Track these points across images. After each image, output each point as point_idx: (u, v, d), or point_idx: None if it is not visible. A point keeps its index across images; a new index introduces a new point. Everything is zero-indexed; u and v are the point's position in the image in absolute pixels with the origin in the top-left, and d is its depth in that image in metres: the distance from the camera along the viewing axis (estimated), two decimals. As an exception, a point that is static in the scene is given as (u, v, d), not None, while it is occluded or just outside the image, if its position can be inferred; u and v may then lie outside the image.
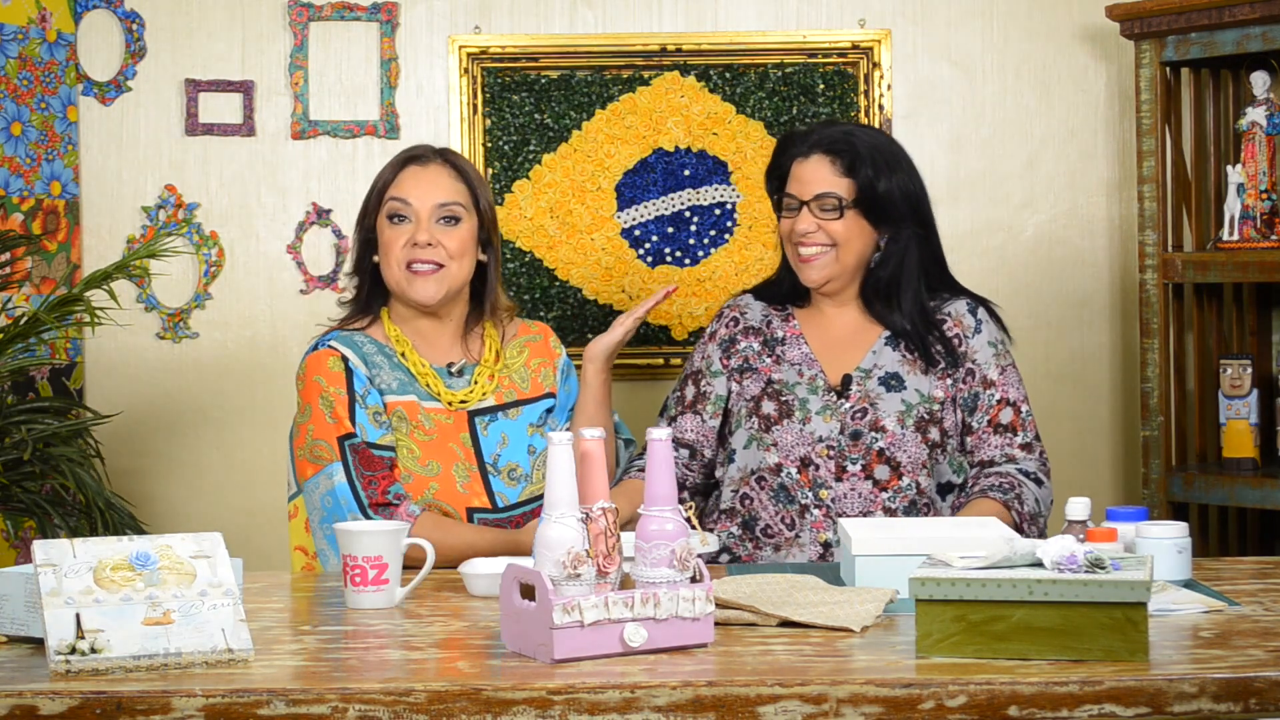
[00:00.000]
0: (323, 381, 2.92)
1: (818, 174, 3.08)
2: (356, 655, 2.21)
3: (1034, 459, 3.06)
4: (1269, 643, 2.16)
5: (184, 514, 4.02)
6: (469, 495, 2.92)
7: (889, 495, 3.00)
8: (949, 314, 3.12)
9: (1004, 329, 3.16)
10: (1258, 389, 3.81)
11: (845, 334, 3.13)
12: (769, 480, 3.04)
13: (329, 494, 2.86)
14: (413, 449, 2.92)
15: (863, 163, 3.05)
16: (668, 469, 2.21)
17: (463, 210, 2.97)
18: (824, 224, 3.06)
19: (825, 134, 3.11)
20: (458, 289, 2.99)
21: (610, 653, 2.13)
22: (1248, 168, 3.77)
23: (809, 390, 3.06)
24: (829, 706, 1.99)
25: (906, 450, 3.01)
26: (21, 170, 3.87)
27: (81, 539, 2.18)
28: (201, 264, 4.02)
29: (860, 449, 3.01)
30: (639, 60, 4.04)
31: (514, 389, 3.04)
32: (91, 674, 2.07)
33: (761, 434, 3.05)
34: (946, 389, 3.07)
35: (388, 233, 2.97)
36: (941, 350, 3.08)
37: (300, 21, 4.00)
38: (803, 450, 3.02)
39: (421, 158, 3.01)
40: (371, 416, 2.91)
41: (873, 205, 3.06)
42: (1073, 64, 4.07)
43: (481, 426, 2.98)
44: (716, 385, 3.14)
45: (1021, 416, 3.08)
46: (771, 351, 3.12)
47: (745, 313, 3.18)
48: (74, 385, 3.97)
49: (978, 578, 2.10)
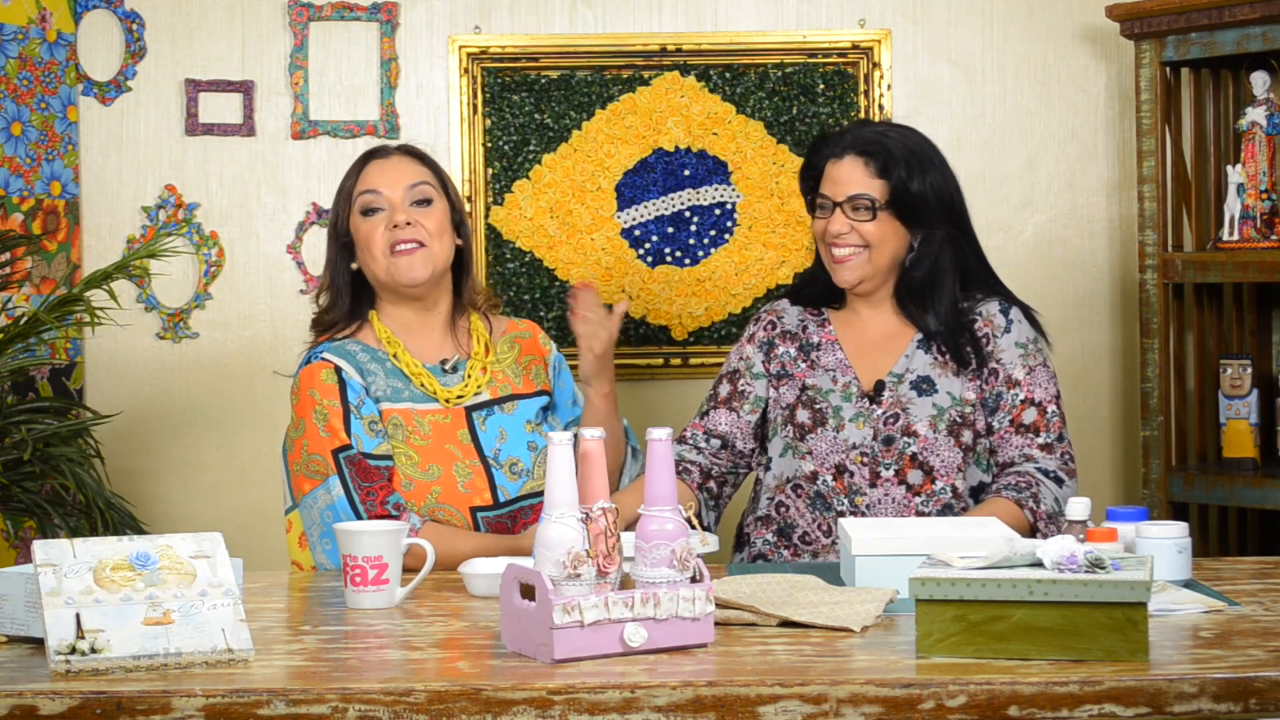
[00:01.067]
0: (316, 395, 2.91)
1: (851, 175, 3.08)
2: (356, 655, 2.20)
3: (1054, 458, 3.04)
4: (1269, 643, 2.16)
5: (184, 514, 4.02)
6: (471, 494, 2.92)
7: (923, 500, 3.01)
8: (980, 313, 3.11)
9: (1040, 330, 3.14)
10: (1258, 389, 3.81)
11: (879, 337, 3.13)
12: (805, 488, 3.05)
13: (329, 508, 2.86)
14: (411, 455, 2.91)
15: (896, 164, 3.05)
16: (668, 469, 2.21)
17: (433, 191, 3.01)
18: (857, 225, 3.06)
19: (859, 134, 3.11)
20: (442, 269, 3.00)
21: (610, 653, 2.13)
22: (1248, 168, 3.77)
23: (843, 397, 3.06)
24: (829, 706, 1.99)
25: (939, 454, 3.01)
26: (21, 170, 3.87)
27: (81, 539, 2.18)
28: (201, 264, 4.02)
29: (893, 454, 3.01)
30: (639, 60, 4.04)
31: (507, 383, 3.04)
32: (91, 674, 2.07)
33: (796, 442, 3.06)
34: (978, 390, 3.07)
35: (364, 227, 2.98)
36: (971, 350, 3.07)
37: (300, 21, 4.00)
38: (837, 458, 3.03)
39: (381, 151, 3.07)
40: (367, 426, 2.90)
41: (906, 206, 3.06)
42: (1073, 64, 4.07)
43: (479, 422, 2.98)
44: (757, 386, 3.15)
45: (1046, 416, 3.06)
46: (807, 357, 3.13)
47: (782, 317, 3.18)
48: (74, 385, 3.97)
49: (978, 578, 2.10)
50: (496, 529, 2.93)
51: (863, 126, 3.18)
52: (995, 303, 3.13)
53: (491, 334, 3.09)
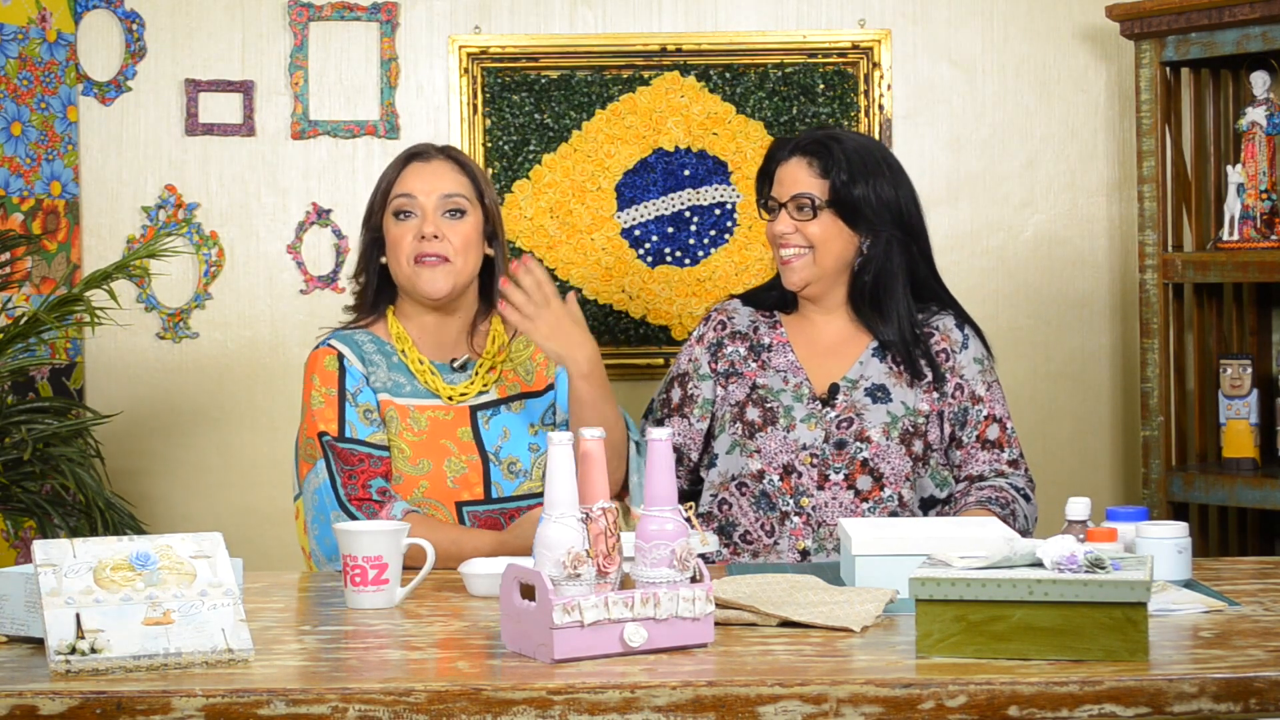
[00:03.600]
0: (316, 380, 2.95)
1: (796, 175, 3.09)
2: (356, 655, 2.21)
3: (1021, 475, 3.08)
4: (1269, 643, 2.16)
5: (184, 514, 4.02)
6: (459, 489, 2.93)
7: (870, 505, 3.01)
8: (937, 327, 3.12)
9: (987, 348, 3.16)
10: (1258, 389, 3.81)
11: (833, 343, 3.13)
12: (750, 486, 3.05)
13: (316, 491, 2.89)
14: (403, 449, 2.94)
15: (836, 164, 3.06)
16: (668, 469, 2.21)
17: (467, 203, 2.99)
18: (800, 225, 3.06)
19: (810, 136, 3.12)
20: (464, 284, 3.00)
21: (610, 653, 2.13)
22: (1248, 168, 3.77)
23: (794, 398, 3.06)
24: (829, 706, 1.99)
25: (890, 462, 3.02)
26: (21, 170, 3.87)
27: (81, 539, 2.18)
28: (201, 264, 4.02)
29: (844, 458, 3.02)
30: (639, 60, 4.04)
31: (518, 382, 3.05)
32: (91, 674, 2.07)
33: (745, 440, 3.06)
34: (932, 402, 3.07)
35: (395, 230, 2.99)
36: (926, 364, 3.08)
37: (300, 21, 4.00)
38: (786, 457, 3.03)
39: (424, 154, 3.04)
40: (362, 414, 2.94)
41: (847, 207, 3.06)
42: (1073, 64, 4.07)
43: (484, 420, 2.99)
44: (704, 389, 3.14)
45: (1007, 433, 3.09)
46: (757, 357, 3.12)
47: (733, 318, 3.18)
48: (74, 385, 3.97)
49: (978, 578, 2.10)
50: (485, 524, 2.94)
51: (816, 130, 3.19)
52: (950, 318, 3.14)
53: (513, 335, 3.09)
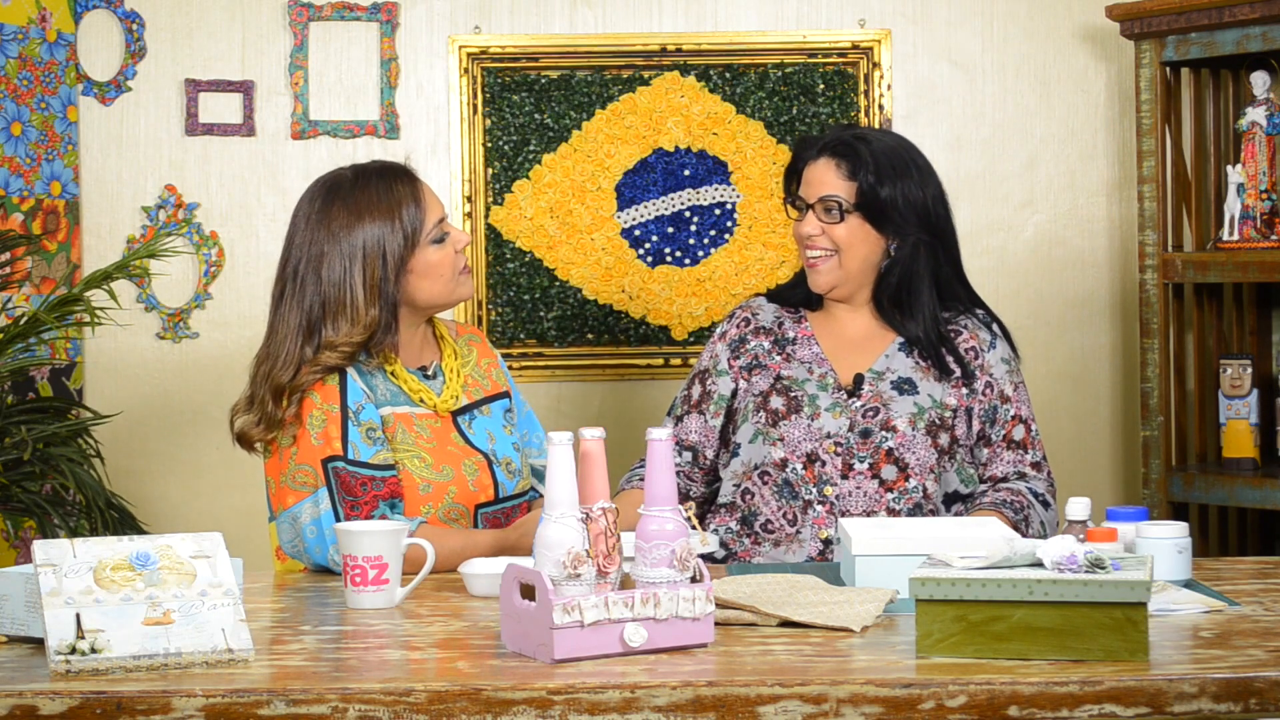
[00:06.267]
0: (317, 399, 2.83)
1: (824, 176, 3.07)
2: (356, 655, 2.21)
3: (1043, 479, 3.06)
4: (1269, 643, 2.16)
5: (184, 514, 4.02)
6: (478, 492, 2.91)
7: (894, 496, 3.00)
8: (965, 326, 3.10)
9: (1014, 349, 3.15)
10: (1258, 389, 3.81)
11: (858, 337, 3.12)
12: (773, 475, 3.03)
13: (314, 523, 2.78)
14: (425, 458, 2.87)
15: (864, 167, 3.04)
16: (668, 469, 2.21)
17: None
18: (827, 228, 3.05)
19: (835, 136, 3.09)
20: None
21: (610, 653, 2.13)
22: (1248, 168, 3.77)
23: (819, 387, 3.05)
24: (829, 706, 1.99)
25: (915, 452, 3.00)
26: (21, 170, 3.87)
27: (81, 539, 2.18)
28: (201, 264, 4.02)
29: (869, 448, 3.00)
30: (639, 60, 4.04)
31: (478, 386, 3.03)
32: (91, 674, 2.07)
33: (768, 429, 3.04)
34: (960, 397, 3.06)
35: (436, 255, 2.88)
36: (954, 361, 3.07)
37: (300, 21, 4.00)
38: (810, 446, 3.01)
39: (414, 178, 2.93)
40: (364, 434, 2.84)
41: (874, 210, 3.04)
42: (1073, 64, 4.07)
43: (466, 425, 2.96)
44: (721, 384, 3.14)
45: (1032, 435, 3.08)
46: (782, 350, 3.12)
47: (757, 314, 3.17)
48: (74, 385, 3.97)
49: (978, 578, 2.10)
50: (493, 524, 2.93)
51: (845, 129, 3.16)
52: (978, 317, 3.13)
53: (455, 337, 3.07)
